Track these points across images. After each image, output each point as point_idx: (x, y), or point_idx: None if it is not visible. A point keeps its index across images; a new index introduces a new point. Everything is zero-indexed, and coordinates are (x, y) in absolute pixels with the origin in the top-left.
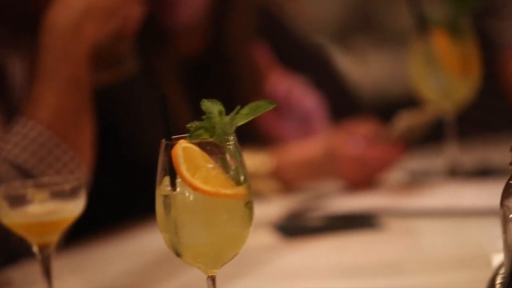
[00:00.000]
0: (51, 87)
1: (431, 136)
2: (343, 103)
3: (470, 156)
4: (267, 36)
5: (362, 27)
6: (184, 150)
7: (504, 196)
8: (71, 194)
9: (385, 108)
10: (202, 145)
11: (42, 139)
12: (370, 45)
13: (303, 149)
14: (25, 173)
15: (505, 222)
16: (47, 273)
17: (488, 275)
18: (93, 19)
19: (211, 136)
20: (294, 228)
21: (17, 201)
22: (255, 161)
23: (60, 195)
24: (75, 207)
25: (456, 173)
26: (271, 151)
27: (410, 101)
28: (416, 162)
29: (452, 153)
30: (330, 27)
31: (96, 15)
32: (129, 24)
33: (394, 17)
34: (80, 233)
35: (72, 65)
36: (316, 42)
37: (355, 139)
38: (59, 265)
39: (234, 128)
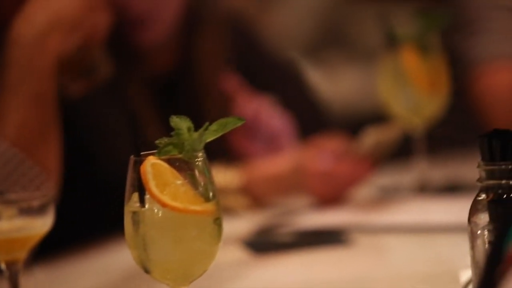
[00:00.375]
0: (16, 102)
1: (400, 152)
2: (312, 118)
3: (438, 172)
4: (237, 53)
5: (332, 42)
6: (153, 166)
7: (472, 212)
8: (40, 210)
9: (354, 124)
10: (171, 162)
11: (6, 156)
12: (340, 60)
13: (272, 165)
14: None
15: (473, 238)
16: None
17: None
18: (58, 32)
19: (180, 153)
20: (263, 244)
21: None
22: (224, 177)
23: (28, 211)
24: (43, 224)
25: (425, 189)
26: (240, 167)
27: (380, 117)
28: (385, 178)
29: (421, 169)
30: (300, 42)
31: (60, 27)
32: (96, 32)
33: (364, 33)
34: (49, 250)
35: (36, 79)
36: (286, 57)
37: (324, 154)
38: (27, 282)
39: (203, 144)
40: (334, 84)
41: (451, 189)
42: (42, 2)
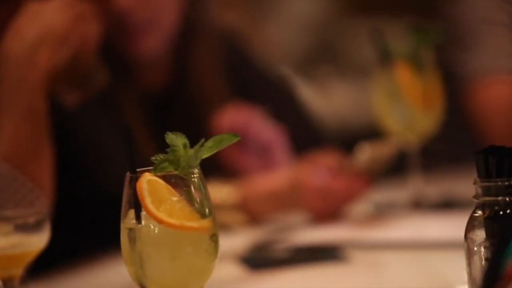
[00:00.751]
0: (7, 117)
1: (395, 168)
2: (306, 134)
3: (434, 188)
4: (230, 67)
5: (325, 57)
6: (149, 183)
7: (468, 229)
8: (35, 227)
9: (348, 140)
10: (166, 178)
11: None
12: (333, 76)
13: (268, 181)
14: None
15: (469, 255)
16: None
17: None
18: (47, 46)
19: (176, 169)
20: (259, 260)
21: None
22: (220, 193)
23: (24, 228)
24: (39, 240)
25: (420, 205)
26: (236, 183)
27: (374, 133)
28: (380, 194)
29: (416, 185)
30: (293, 57)
31: (50, 41)
32: (87, 43)
33: (356, 48)
34: (45, 266)
35: (27, 94)
36: (279, 72)
37: (319, 170)
38: None
39: (198, 161)
40: (326, 99)
41: (447, 205)
42: (31, 16)
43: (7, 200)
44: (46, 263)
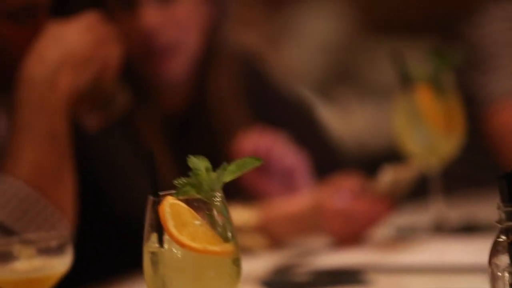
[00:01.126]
0: (29, 141)
1: (417, 191)
2: (327, 157)
3: (456, 212)
4: (250, 90)
5: (344, 79)
6: (171, 206)
7: (492, 254)
8: (58, 250)
9: (368, 162)
10: (189, 202)
11: (21, 195)
12: (353, 97)
13: (290, 204)
14: (5, 230)
15: (493, 280)
16: None
17: None
18: (69, 69)
19: (198, 193)
20: (281, 283)
21: (4, 257)
22: (242, 216)
23: (46, 251)
24: (62, 264)
25: (442, 229)
26: (258, 206)
27: (394, 155)
28: (402, 218)
29: (438, 209)
30: (312, 79)
31: (71, 64)
32: (108, 66)
33: (377, 69)
34: None
35: (49, 117)
36: (298, 95)
37: (341, 193)
38: None
39: (221, 184)
40: (346, 121)
41: (469, 229)
42: (53, 39)
43: (29, 223)
44: (68, 286)
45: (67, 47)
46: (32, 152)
